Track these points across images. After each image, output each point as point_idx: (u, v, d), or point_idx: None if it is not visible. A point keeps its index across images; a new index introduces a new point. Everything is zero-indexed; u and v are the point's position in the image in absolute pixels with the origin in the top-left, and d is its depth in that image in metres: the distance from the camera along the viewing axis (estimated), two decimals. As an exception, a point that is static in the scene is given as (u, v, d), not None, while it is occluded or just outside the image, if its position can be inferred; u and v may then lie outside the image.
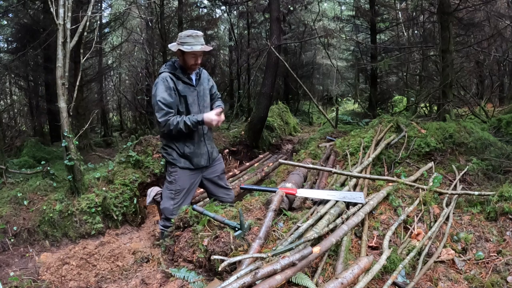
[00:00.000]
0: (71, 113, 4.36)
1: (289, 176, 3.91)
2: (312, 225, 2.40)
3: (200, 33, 3.00)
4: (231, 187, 3.66)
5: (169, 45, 3.10)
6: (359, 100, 13.29)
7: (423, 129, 4.35)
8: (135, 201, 4.61)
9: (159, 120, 2.90)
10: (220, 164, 3.48)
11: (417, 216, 2.80)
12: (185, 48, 2.91)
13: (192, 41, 2.93)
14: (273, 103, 11.45)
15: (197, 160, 3.18)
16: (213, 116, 2.97)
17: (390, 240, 2.49)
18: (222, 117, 3.09)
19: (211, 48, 3.21)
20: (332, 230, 2.36)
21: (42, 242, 4.10)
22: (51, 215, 4.15)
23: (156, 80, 3.05)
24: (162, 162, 5.03)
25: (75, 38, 4.47)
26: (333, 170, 3.31)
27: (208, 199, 5.09)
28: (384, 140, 4.26)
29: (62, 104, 4.18)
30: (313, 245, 2.12)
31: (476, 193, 3.07)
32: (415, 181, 3.43)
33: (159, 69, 3.17)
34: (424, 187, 3.16)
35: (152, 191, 3.88)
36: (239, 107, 12.43)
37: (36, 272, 3.31)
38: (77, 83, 4.80)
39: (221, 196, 3.40)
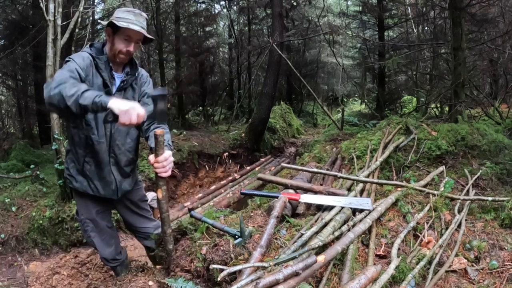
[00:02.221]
0: (62, 114, 4.38)
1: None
2: (317, 233, 2.41)
3: (144, 14, 2.37)
4: (154, 219, 3.04)
5: (100, 20, 2.55)
6: (366, 100, 13.31)
7: (433, 131, 4.36)
8: (129, 207, 4.61)
9: (53, 82, 1.91)
10: (139, 190, 2.88)
11: (427, 223, 2.80)
12: (120, 23, 2.22)
13: (132, 18, 2.26)
14: (275, 104, 11.49)
15: (99, 185, 2.51)
16: (128, 106, 1.85)
17: (399, 249, 2.49)
18: (170, 159, 2.09)
19: (153, 38, 2.48)
20: (337, 238, 2.37)
21: (31, 250, 4.12)
22: (41, 222, 4.17)
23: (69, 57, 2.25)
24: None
25: (66, 35, 4.50)
26: (339, 174, 3.32)
27: (206, 204, 5.12)
28: (393, 143, 4.27)
29: (52, 104, 4.19)
30: (317, 253, 2.13)
31: (490, 198, 3.07)
32: (425, 186, 3.44)
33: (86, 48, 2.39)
34: (435, 192, 3.16)
35: (147, 196, 3.89)
36: (239, 108, 12.46)
37: (25, 282, 3.33)
38: (69, 83, 4.81)
39: (141, 227, 2.90)
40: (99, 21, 2.56)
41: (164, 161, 2.04)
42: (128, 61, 2.43)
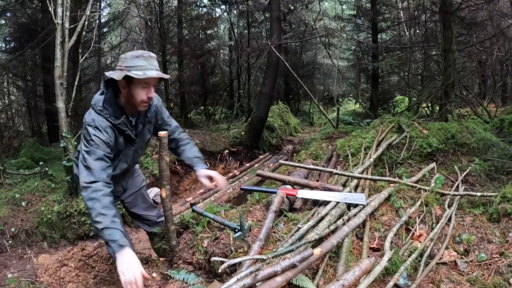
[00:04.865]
0: (69, 113, 4.37)
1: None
2: (313, 227, 2.40)
3: (153, 54, 2.12)
4: (157, 206, 2.93)
5: (108, 73, 2.10)
6: (360, 100, 13.31)
7: (425, 130, 4.35)
8: (134, 202, 4.60)
9: (82, 183, 1.96)
10: (138, 176, 2.82)
11: (419, 217, 2.80)
12: (135, 73, 1.98)
13: (144, 64, 2.02)
14: (274, 103, 11.46)
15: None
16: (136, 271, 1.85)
17: (391, 242, 2.49)
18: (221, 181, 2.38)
19: (168, 76, 2.42)
20: (333, 232, 2.36)
21: (40, 243, 4.11)
22: (49, 216, 4.16)
23: (89, 121, 2.07)
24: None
25: (74, 38, 4.49)
26: (334, 171, 3.31)
27: (207, 199, 5.11)
28: (386, 141, 4.26)
29: (60, 104, 4.19)
30: (314, 246, 2.12)
31: (479, 194, 3.07)
32: (417, 182, 3.43)
33: (94, 101, 2.14)
34: (426, 188, 3.16)
35: (151, 192, 3.89)
36: (239, 107, 12.45)
37: (34, 274, 3.32)
38: (76, 83, 4.80)
39: (145, 214, 2.85)
40: (107, 74, 2.18)
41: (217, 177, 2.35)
42: None
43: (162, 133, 1.98)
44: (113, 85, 2.14)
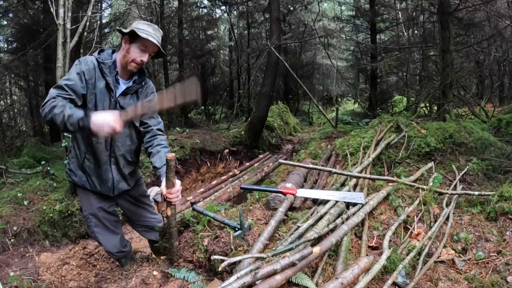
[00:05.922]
0: (71, 113, 4.36)
1: (289, 176, 3.91)
2: (312, 225, 2.40)
3: (161, 31, 2.37)
4: (156, 212, 3.00)
5: (120, 28, 2.41)
6: (359, 100, 13.30)
7: (423, 129, 4.35)
8: (135, 201, 4.60)
9: (47, 98, 2.07)
10: (139, 186, 2.81)
11: (417, 216, 2.79)
12: (140, 33, 2.20)
13: (151, 32, 2.24)
14: (273, 103, 11.46)
15: (96, 181, 2.48)
16: (110, 119, 1.95)
17: (390, 240, 2.49)
18: (180, 187, 2.14)
19: (165, 54, 2.55)
20: (332, 230, 2.36)
21: (42, 242, 4.11)
22: (51, 215, 4.16)
23: (80, 59, 2.32)
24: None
25: (75, 38, 4.48)
26: (333, 170, 3.31)
27: (208, 199, 5.11)
28: (384, 140, 4.26)
29: (62, 104, 4.18)
30: (313, 245, 2.12)
31: (476, 193, 3.07)
32: (415, 181, 3.43)
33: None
34: (424, 187, 3.15)
35: (152, 191, 3.88)
36: (239, 107, 12.44)
37: (36, 272, 3.31)
38: (77, 83, 4.79)
39: (142, 220, 2.87)
40: (119, 28, 2.34)
41: (177, 192, 2.11)
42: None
43: (169, 156, 1.96)
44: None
